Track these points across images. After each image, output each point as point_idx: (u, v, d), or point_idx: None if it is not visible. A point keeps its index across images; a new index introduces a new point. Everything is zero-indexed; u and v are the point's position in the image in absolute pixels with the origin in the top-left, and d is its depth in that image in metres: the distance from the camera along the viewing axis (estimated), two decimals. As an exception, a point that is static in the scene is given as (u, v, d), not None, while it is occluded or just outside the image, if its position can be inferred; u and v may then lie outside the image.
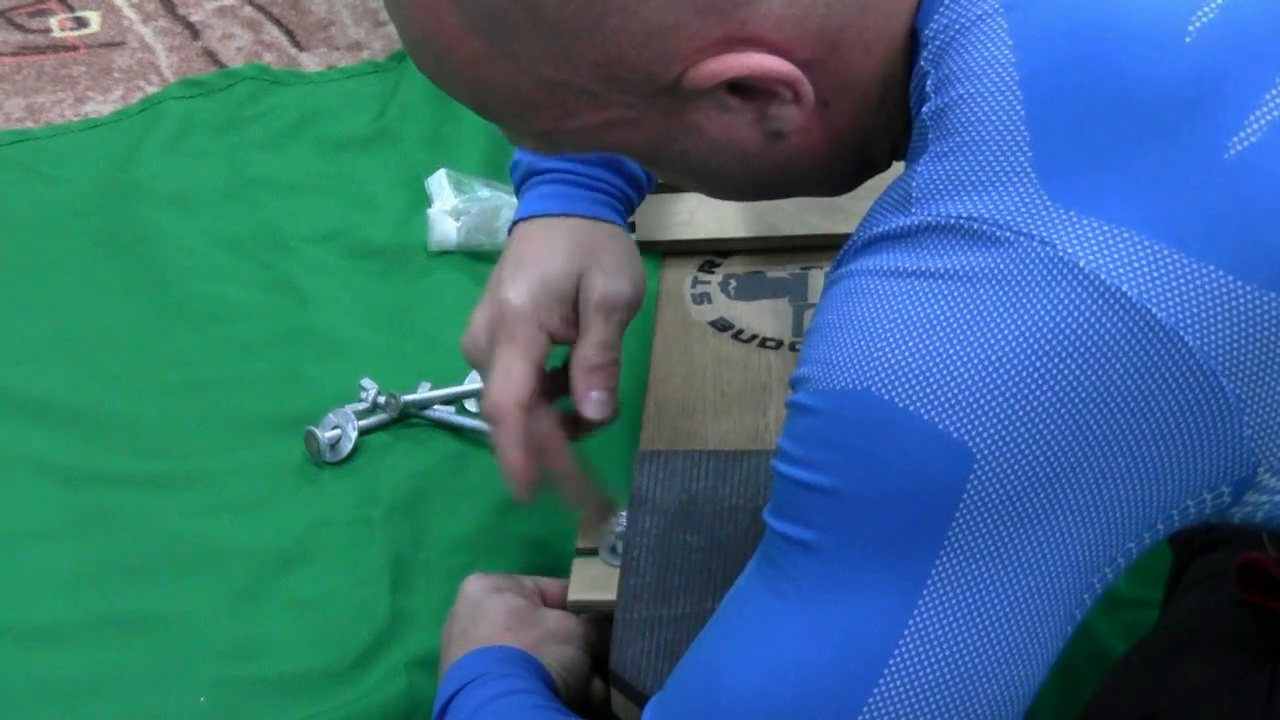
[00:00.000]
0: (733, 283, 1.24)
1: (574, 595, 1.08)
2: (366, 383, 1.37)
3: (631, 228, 1.28)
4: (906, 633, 0.75)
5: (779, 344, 1.19)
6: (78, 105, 1.71)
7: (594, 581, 1.07)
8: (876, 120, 0.82)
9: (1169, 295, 0.71)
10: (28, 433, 1.37)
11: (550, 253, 1.08)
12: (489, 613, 1.07)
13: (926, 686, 0.75)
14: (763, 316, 1.21)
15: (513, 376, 1.05)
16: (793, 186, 0.86)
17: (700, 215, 1.26)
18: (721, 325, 1.21)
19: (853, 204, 1.25)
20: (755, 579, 0.80)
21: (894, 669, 0.75)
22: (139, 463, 1.35)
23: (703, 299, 1.23)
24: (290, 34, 1.80)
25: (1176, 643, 0.99)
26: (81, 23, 1.83)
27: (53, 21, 1.83)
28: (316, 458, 1.34)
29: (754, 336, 1.20)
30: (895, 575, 0.74)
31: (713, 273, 1.25)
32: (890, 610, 0.75)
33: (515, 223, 1.12)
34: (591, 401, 1.06)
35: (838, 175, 0.86)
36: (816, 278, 1.23)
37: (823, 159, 0.83)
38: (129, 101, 1.71)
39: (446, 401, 1.38)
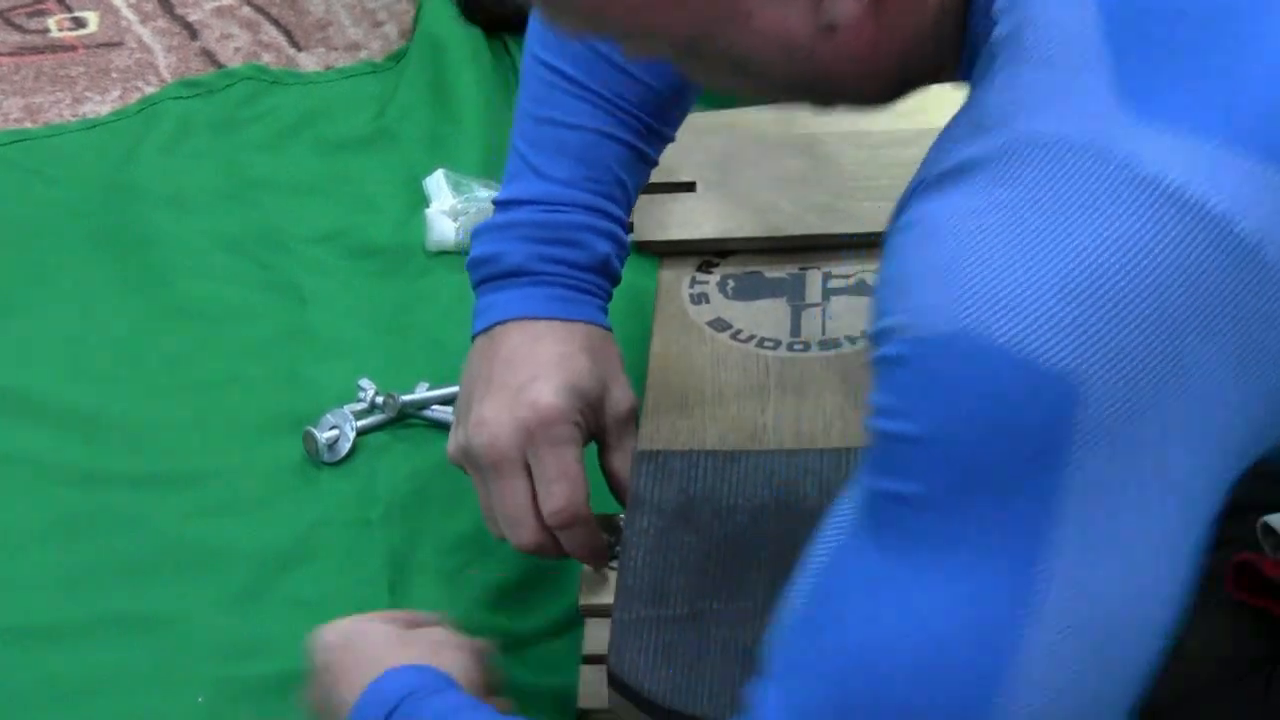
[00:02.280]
0: (731, 283, 1.24)
1: (585, 600, 1.08)
2: (365, 383, 1.37)
3: (630, 227, 1.28)
4: (1037, 577, 0.72)
5: (777, 344, 1.19)
6: (76, 105, 1.71)
7: (605, 585, 1.07)
8: (929, 31, 0.81)
9: (1253, 208, 0.70)
10: (27, 433, 1.37)
11: (572, 355, 1.09)
12: (368, 645, 1.01)
13: (1070, 629, 0.73)
14: (761, 316, 1.21)
15: (577, 479, 1.07)
16: (832, 92, 0.84)
17: (699, 215, 1.27)
18: (719, 325, 1.21)
19: (852, 204, 1.26)
20: (855, 544, 0.78)
21: (1032, 616, 0.73)
22: (139, 463, 1.35)
23: (701, 299, 1.23)
24: (288, 34, 1.80)
25: (1175, 644, 0.99)
26: (79, 23, 1.83)
27: (51, 22, 1.83)
28: (315, 458, 1.34)
29: (752, 336, 1.20)
30: (1014, 520, 0.72)
31: (711, 273, 1.25)
32: (1016, 556, 0.73)
33: (509, 320, 1.12)
34: None
35: (879, 83, 0.84)
36: (815, 278, 1.23)
37: (868, 62, 0.81)
38: (127, 102, 1.71)
39: (445, 401, 1.38)
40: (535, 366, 1.09)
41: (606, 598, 1.06)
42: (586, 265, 1.12)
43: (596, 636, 1.07)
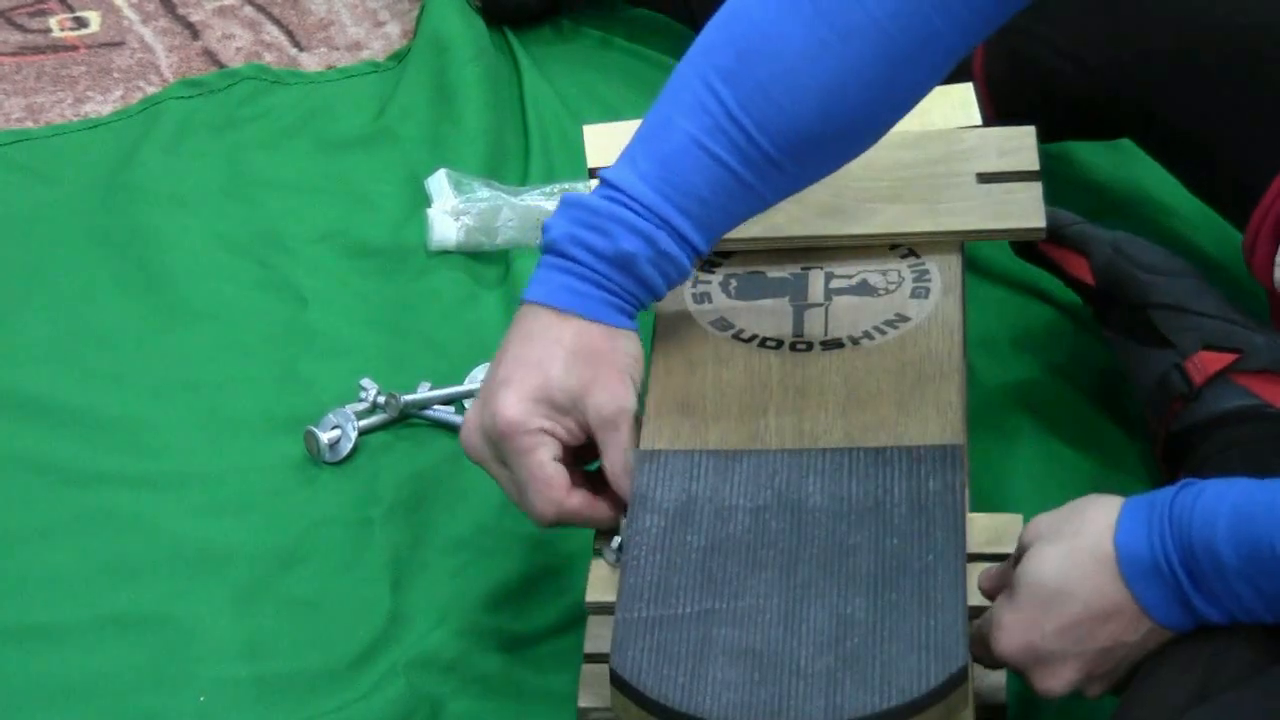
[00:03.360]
0: (733, 282, 1.24)
1: (591, 597, 1.08)
2: (366, 383, 1.37)
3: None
4: None
5: (779, 344, 1.19)
6: (77, 105, 1.72)
7: (613, 584, 1.07)
8: None
9: None
10: (28, 433, 1.37)
11: (551, 359, 1.09)
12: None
13: None
14: (763, 316, 1.21)
15: (546, 481, 1.08)
16: None
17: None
18: (722, 325, 1.21)
19: (853, 204, 1.25)
20: None
21: None
22: (139, 463, 1.35)
23: (703, 298, 1.23)
24: (290, 34, 1.80)
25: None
26: (81, 23, 1.83)
27: (52, 21, 1.83)
28: (316, 457, 1.34)
29: (754, 336, 1.20)
30: None
31: (713, 272, 1.25)
32: None
33: (526, 301, 1.11)
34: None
35: None
36: (816, 277, 1.23)
37: None
38: (129, 102, 1.71)
39: (446, 401, 1.38)
40: (514, 369, 1.09)
41: (612, 595, 1.06)
42: (604, 255, 1.09)
43: (598, 635, 1.07)
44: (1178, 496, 0.94)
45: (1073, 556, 0.96)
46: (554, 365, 1.08)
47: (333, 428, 1.34)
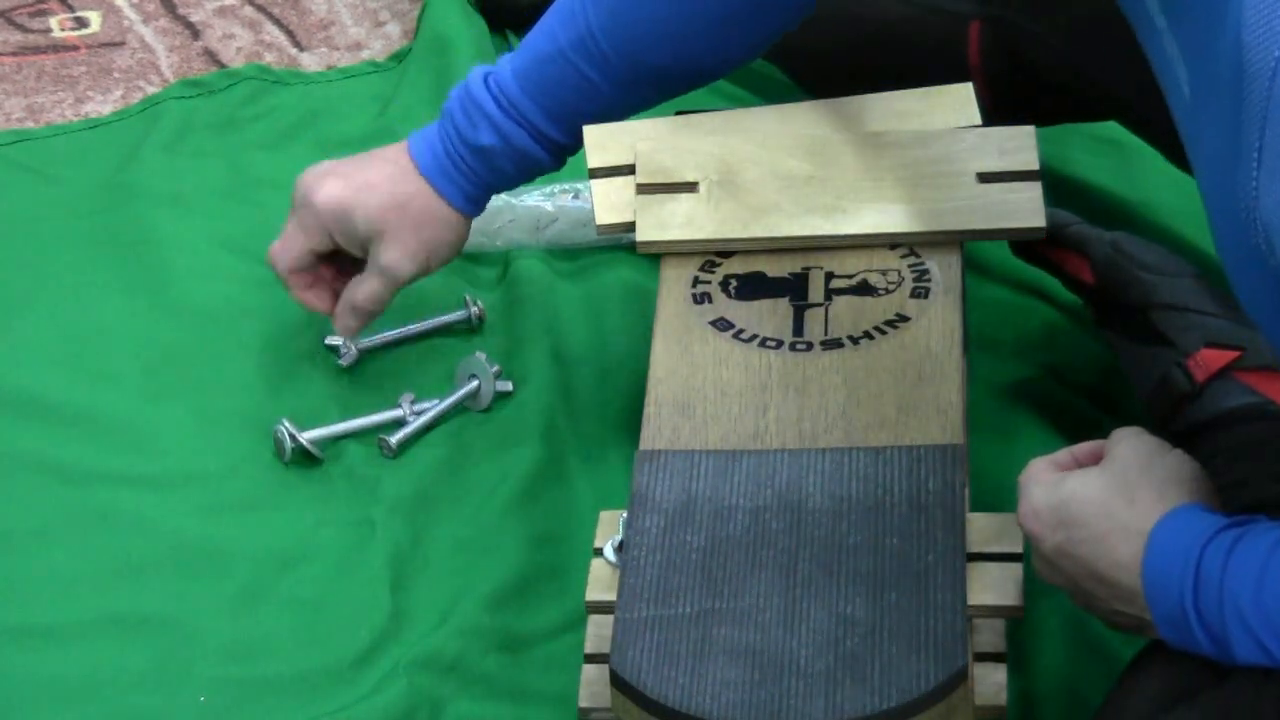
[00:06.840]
0: (733, 282, 1.24)
1: (591, 597, 1.08)
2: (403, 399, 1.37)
3: (630, 227, 1.27)
4: None
5: (779, 343, 1.19)
6: (78, 105, 1.71)
7: (613, 584, 1.07)
8: None
9: None
10: (28, 432, 1.37)
11: (371, 194, 1.26)
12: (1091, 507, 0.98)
13: None
14: (763, 316, 1.21)
15: (290, 247, 1.30)
16: None
17: (700, 216, 1.26)
18: (722, 325, 1.21)
19: (853, 204, 1.25)
20: None
21: None
22: (139, 463, 1.35)
23: (703, 299, 1.23)
24: (290, 34, 1.80)
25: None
26: (82, 23, 1.82)
27: (53, 21, 1.83)
28: (282, 456, 1.33)
29: (754, 336, 1.20)
30: None
31: (713, 272, 1.25)
32: None
33: (410, 138, 1.28)
34: (342, 328, 1.32)
35: None
36: (817, 277, 1.23)
37: None
38: (129, 102, 1.71)
39: (427, 428, 1.37)
40: (354, 175, 1.28)
41: (612, 595, 1.06)
42: (467, 142, 1.25)
43: (599, 635, 1.07)
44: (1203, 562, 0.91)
45: (1108, 524, 0.95)
46: (371, 200, 1.25)
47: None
